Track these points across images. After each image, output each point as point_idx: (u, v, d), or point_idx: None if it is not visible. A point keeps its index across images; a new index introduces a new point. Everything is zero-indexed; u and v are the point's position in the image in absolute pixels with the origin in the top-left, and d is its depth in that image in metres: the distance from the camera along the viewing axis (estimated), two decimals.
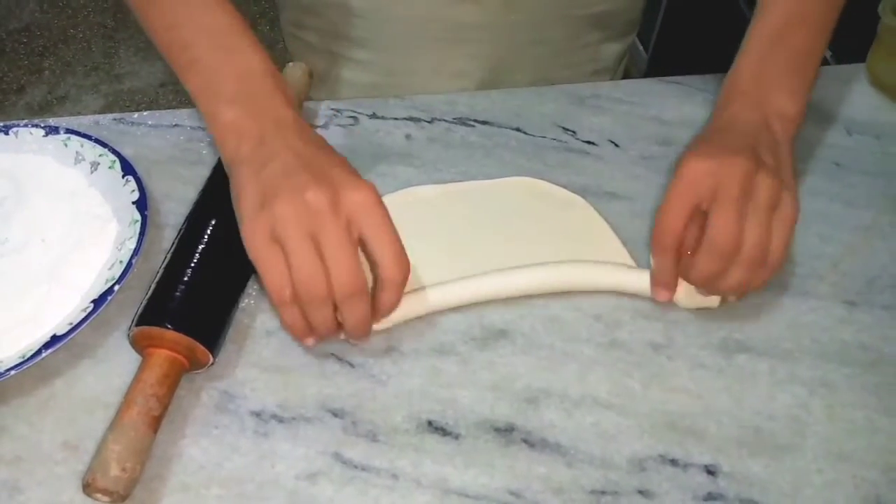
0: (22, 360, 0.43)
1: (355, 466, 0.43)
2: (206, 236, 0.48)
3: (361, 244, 0.43)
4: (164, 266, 0.47)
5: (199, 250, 0.47)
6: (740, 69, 0.53)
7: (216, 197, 0.51)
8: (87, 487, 0.38)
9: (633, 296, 0.51)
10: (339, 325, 0.45)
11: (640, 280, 0.50)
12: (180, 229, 0.50)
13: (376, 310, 0.45)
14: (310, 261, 0.42)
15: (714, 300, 0.49)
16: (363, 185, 0.43)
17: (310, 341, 0.45)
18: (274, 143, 0.45)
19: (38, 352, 0.43)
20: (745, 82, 0.52)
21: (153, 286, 0.46)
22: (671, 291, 0.49)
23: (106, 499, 0.39)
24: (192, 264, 0.46)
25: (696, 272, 0.47)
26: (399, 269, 0.43)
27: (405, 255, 0.44)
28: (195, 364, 0.44)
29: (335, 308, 0.43)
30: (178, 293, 0.45)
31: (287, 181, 0.43)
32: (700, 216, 0.46)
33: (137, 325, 0.44)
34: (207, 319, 0.45)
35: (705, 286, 0.48)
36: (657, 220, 0.47)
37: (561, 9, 0.68)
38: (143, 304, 0.45)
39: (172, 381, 0.43)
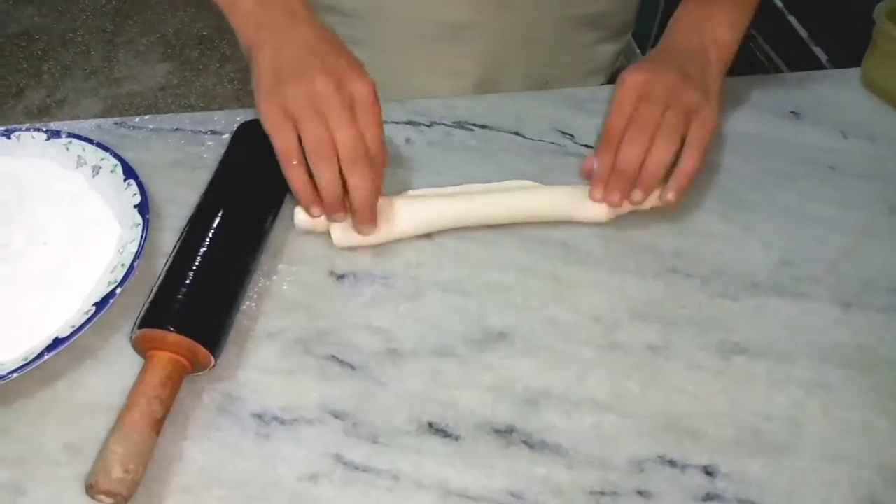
0: (24, 362, 0.43)
1: (356, 468, 0.43)
2: (207, 239, 0.48)
3: None
4: (165, 269, 0.47)
5: (200, 253, 0.47)
6: (687, 4, 0.62)
7: (217, 200, 0.51)
8: (91, 489, 0.39)
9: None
10: (344, 206, 0.50)
11: (573, 193, 0.55)
12: (182, 232, 0.50)
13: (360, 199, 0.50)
14: (317, 126, 0.48)
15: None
16: (365, 78, 0.51)
17: (315, 210, 0.50)
18: (287, 31, 0.52)
19: (41, 354, 0.44)
20: (690, 13, 0.61)
21: (155, 289, 0.46)
22: (603, 189, 0.54)
23: (109, 500, 0.39)
24: (194, 267, 0.47)
25: (609, 185, 0.54)
26: (377, 144, 0.50)
27: (383, 137, 0.51)
28: (197, 366, 0.45)
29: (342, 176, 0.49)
30: (179, 296, 0.45)
31: (298, 67, 0.50)
32: None
33: (139, 327, 0.44)
34: (209, 321, 0.46)
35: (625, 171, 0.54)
36: (605, 126, 0.55)
37: (554, 9, 0.69)
38: (145, 307, 0.45)
39: (174, 384, 0.43)
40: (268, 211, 0.53)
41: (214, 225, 0.49)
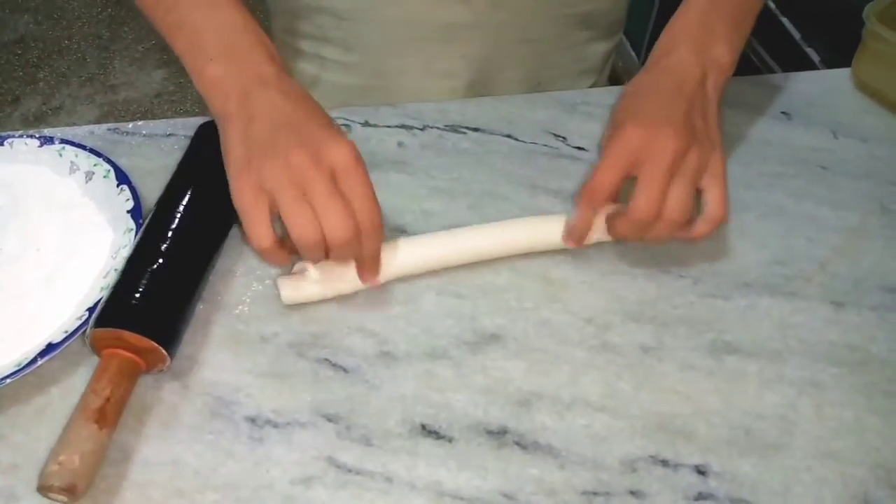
0: (18, 368, 0.43)
1: (349, 471, 0.43)
2: (161, 240, 0.49)
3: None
4: (120, 270, 0.48)
5: (154, 254, 0.48)
6: (687, 16, 0.56)
7: (174, 199, 0.51)
8: (40, 490, 0.40)
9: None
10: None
11: (552, 226, 0.53)
12: (139, 232, 0.50)
13: (361, 260, 0.49)
14: (299, 209, 0.44)
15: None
16: (342, 143, 0.46)
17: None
18: (258, 100, 0.48)
19: (34, 360, 0.44)
20: (691, 29, 0.55)
21: (109, 290, 0.47)
22: (581, 243, 0.52)
23: (57, 496, 0.39)
24: (149, 267, 0.47)
25: (616, 233, 0.51)
26: (372, 216, 0.46)
27: (376, 204, 0.46)
28: (145, 354, 0.45)
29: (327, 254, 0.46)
30: (137, 294, 0.46)
31: (271, 140, 0.46)
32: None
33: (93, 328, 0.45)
34: (129, 307, 0.45)
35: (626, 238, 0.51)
36: (592, 177, 0.50)
37: (547, 9, 0.69)
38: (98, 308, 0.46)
39: (110, 375, 0.43)
40: (224, 212, 0.53)
41: (173, 227, 0.49)
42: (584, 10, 0.71)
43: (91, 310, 0.46)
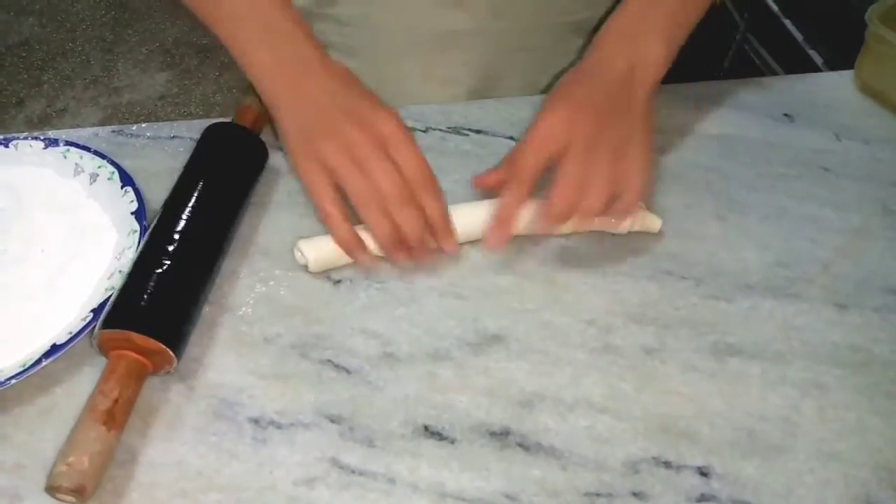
0: (22, 368, 0.44)
1: (352, 471, 0.43)
2: (168, 241, 0.49)
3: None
4: (127, 272, 0.48)
5: (162, 256, 0.48)
6: (622, 13, 0.56)
7: (181, 202, 0.52)
8: (48, 490, 0.40)
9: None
10: (402, 247, 0.51)
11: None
12: (146, 234, 0.50)
13: (431, 223, 0.51)
14: (358, 178, 0.49)
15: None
16: (388, 116, 0.51)
17: (362, 255, 0.51)
18: (305, 82, 0.52)
19: (39, 361, 0.44)
20: (621, 26, 0.56)
21: (116, 292, 0.47)
22: (508, 232, 0.51)
23: (65, 496, 0.40)
24: (157, 269, 0.47)
25: (538, 227, 0.53)
26: (423, 172, 0.50)
27: (425, 163, 0.51)
28: (152, 356, 0.45)
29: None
30: (144, 296, 0.46)
31: (324, 120, 0.51)
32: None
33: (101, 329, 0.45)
34: (145, 310, 0.46)
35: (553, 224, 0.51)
36: (511, 159, 0.52)
37: (547, 17, 0.70)
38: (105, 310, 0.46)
39: (118, 376, 0.43)
40: (231, 213, 0.54)
41: (179, 228, 0.49)
42: (584, 17, 0.72)
43: (96, 311, 0.46)
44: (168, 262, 0.48)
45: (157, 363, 0.45)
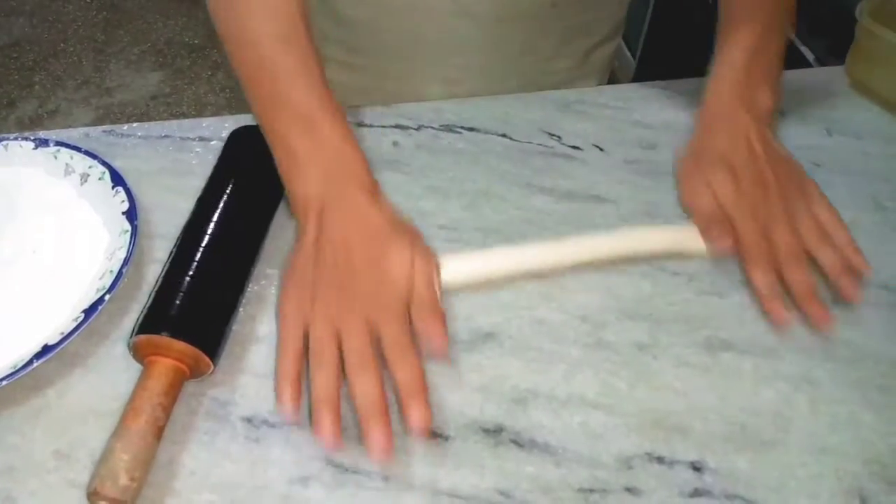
0: (13, 370, 0.43)
1: (346, 470, 0.43)
2: (203, 244, 0.48)
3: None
4: (163, 274, 0.47)
5: (197, 258, 0.48)
6: (730, 70, 0.59)
7: (213, 205, 0.51)
8: (95, 495, 0.39)
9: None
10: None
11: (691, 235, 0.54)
12: (178, 237, 0.50)
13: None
14: (332, 381, 0.43)
15: None
16: (397, 318, 0.44)
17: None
18: (334, 228, 0.47)
19: (30, 362, 0.44)
20: (736, 84, 0.59)
21: (153, 294, 0.46)
22: (779, 305, 0.50)
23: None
24: (191, 272, 0.47)
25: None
26: (416, 400, 0.43)
27: (423, 379, 0.44)
28: (195, 373, 0.45)
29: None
30: (179, 301, 0.45)
31: (332, 293, 0.45)
32: None
33: (140, 333, 0.44)
34: (211, 328, 0.46)
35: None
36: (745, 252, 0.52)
37: (551, 21, 0.69)
38: (143, 312, 0.45)
39: (176, 391, 0.43)
40: (264, 215, 0.53)
41: (211, 230, 0.49)
42: (588, 18, 0.72)
43: (87, 311, 0.46)
44: (208, 267, 0.47)
45: (194, 372, 0.45)
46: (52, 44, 2.18)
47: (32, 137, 0.57)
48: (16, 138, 0.57)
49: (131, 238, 0.50)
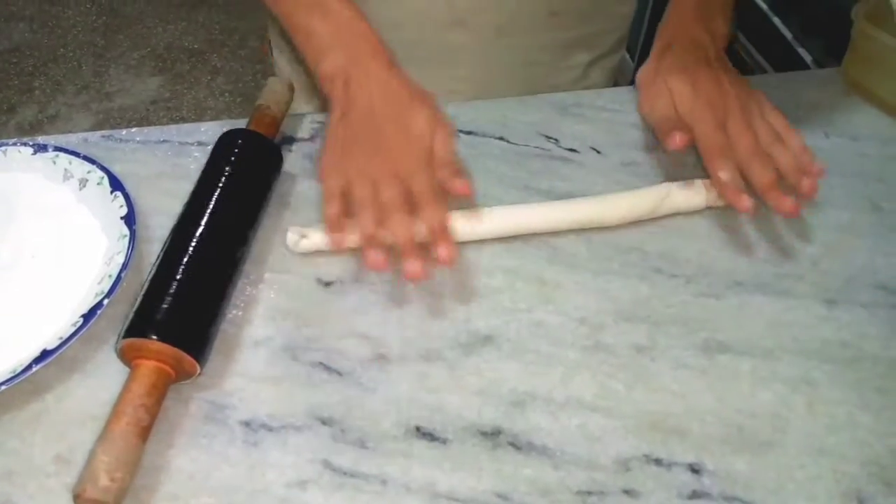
0: (13, 374, 0.44)
1: (345, 473, 0.43)
2: (190, 248, 0.48)
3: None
4: (149, 278, 0.48)
5: (183, 262, 0.48)
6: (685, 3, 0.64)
7: (200, 208, 0.51)
8: (78, 499, 0.39)
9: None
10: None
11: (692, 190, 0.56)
12: (166, 241, 0.50)
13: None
14: (374, 220, 0.49)
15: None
16: (425, 171, 0.51)
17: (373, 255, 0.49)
18: (358, 89, 0.54)
19: (29, 366, 0.44)
20: (693, 9, 0.64)
21: (139, 298, 0.46)
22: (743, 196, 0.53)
23: None
24: (177, 276, 0.47)
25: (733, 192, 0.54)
26: (443, 240, 0.49)
27: (450, 226, 0.50)
28: (182, 374, 0.45)
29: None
30: (163, 304, 0.45)
31: (363, 136, 0.52)
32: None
33: (124, 337, 0.44)
34: (193, 329, 0.46)
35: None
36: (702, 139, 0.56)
37: (551, 33, 0.69)
38: (129, 317, 0.46)
39: (160, 392, 0.43)
40: (249, 218, 0.54)
41: (197, 234, 0.49)
42: (588, 31, 0.72)
43: (86, 316, 0.46)
44: (192, 270, 0.47)
45: (179, 374, 0.45)
46: (51, 49, 2.19)
47: (31, 143, 0.57)
48: (14, 144, 0.57)
49: (130, 243, 0.50)
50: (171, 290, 0.46)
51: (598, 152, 0.63)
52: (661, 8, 0.66)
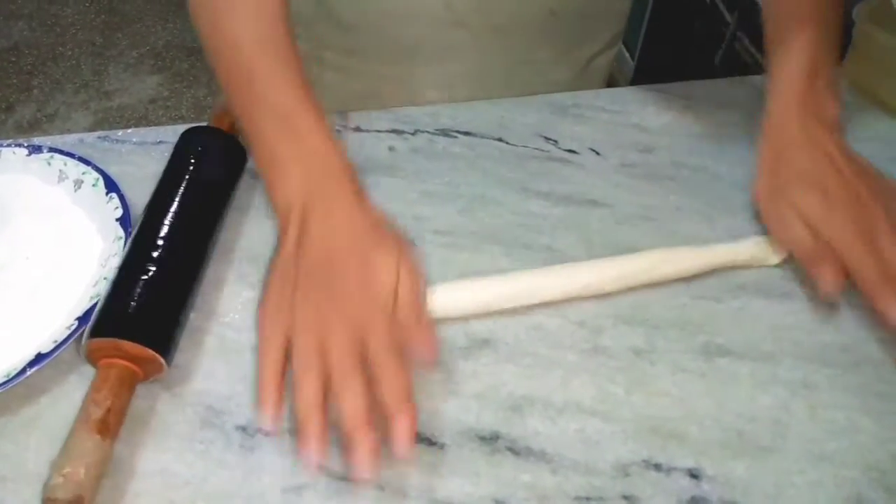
0: (7, 378, 0.43)
1: (341, 478, 0.43)
2: (148, 247, 0.48)
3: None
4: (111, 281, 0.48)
5: (143, 261, 0.48)
6: (795, 83, 0.56)
7: (160, 208, 0.51)
8: (44, 503, 0.39)
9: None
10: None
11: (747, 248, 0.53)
12: (127, 243, 0.50)
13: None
14: (317, 389, 0.41)
15: None
16: (385, 329, 0.42)
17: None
18: (316, 222, 0.46)
19: (23, 370, 0.43)
20: (801, 95, 0.55)
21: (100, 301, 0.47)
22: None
23: None
24: (141, 275, 0.47)
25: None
26: (404, 412, 0.40)
27: (410, 388, 0.42)
28: (149, 370, 0.45)
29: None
30: (124, 303, 0.45)
31: (315, 300, 0.43)
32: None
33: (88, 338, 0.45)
34: (153, 325, 0.45)
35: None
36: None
37: (548, 31, 0.69)
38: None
39: (111, 385, 0.43)
40: (212, 214, 0.53)
41: (160, 233, 0.49)
42: (587, 27, 0.71)
43: (81, 319, 0.46)
44: (154, 268, 0.47)
45: (147, 370, 0.45)
46: (50, 47, 2.18)
47: (26, 144, 0.57)
48: (9, 145, 0.57)
49: (125, 245, 0.50)
50: (137, 289, 0.46)
51: (598, 153, 0.62)
52: (661, 7, 0.65)
